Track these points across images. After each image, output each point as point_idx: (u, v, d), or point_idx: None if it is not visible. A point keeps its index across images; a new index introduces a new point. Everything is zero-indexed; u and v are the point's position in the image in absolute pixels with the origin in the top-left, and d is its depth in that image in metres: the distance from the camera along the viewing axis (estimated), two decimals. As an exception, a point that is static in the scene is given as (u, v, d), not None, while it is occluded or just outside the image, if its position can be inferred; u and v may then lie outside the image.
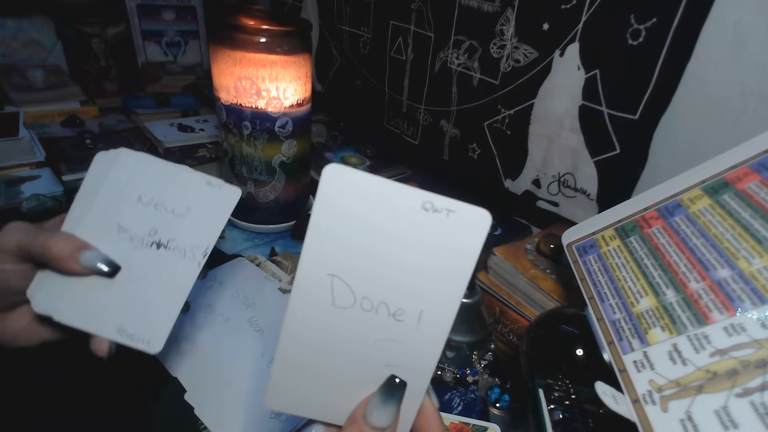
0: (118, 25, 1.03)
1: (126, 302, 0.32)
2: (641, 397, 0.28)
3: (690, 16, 0.41)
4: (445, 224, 0.21)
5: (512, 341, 0.49)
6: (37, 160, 0.71)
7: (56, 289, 0.32)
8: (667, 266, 0.33)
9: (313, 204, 0.21)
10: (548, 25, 0.51)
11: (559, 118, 0.54)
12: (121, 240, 0.33)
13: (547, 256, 0.51)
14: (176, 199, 0.34)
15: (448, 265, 0.21)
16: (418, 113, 0.73)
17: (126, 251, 0.33)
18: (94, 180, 0.34)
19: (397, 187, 0.21)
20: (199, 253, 0.34)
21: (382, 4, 0.73)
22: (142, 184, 0.34)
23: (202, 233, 0.34)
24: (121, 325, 0.32)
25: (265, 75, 0.55)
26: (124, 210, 0.33)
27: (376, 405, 0.22)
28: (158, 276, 0.33)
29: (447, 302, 0.22)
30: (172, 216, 0.34)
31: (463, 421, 0.40)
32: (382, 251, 0.21)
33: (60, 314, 0.31)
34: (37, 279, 0.31)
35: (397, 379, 0.22)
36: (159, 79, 1.02)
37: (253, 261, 0.60)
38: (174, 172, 0.35)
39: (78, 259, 0.31)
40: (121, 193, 0.33)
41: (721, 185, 0.33)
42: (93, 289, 0.32)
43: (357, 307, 0.22)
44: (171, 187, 0.34)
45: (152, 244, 0.33)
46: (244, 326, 0.50)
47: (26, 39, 0.93)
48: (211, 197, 0.35)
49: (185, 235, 0.34)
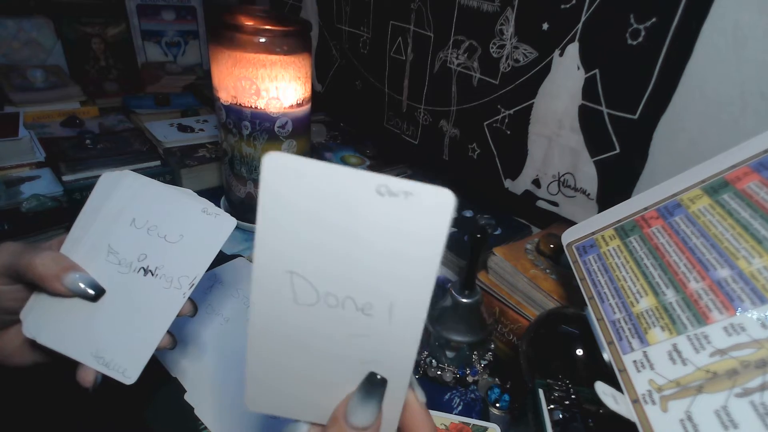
0: (118, 25, 1.03)
1: (106, 328, 0.32)
2: (641, 397, 0.28)
3: (690, 16, 0.41)
4: (404, 208, 0.19)
5: (512, 341, 0.49)
6: (37, 161, 0.71)
7: (43, 312, 0.31)
8: (667, 266, 0.33)
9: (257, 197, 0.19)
10: (548, 24, 0.51)
11: (558, 118, 0.54)
12: (109, 263, 0.32)
13: (547, 256, 0.51)
14: (170, 225, 0.33)
15: (413, 254, 0.19)
16: (418, 113, 0.73)
17: (113, 275, 0.32)
18: (96, 201, 0.33)
19: (346, 171, 0.19)
20: (185, 284, 0.33)
21: (381, 4, 0.73)
22: (138, 207, 0.33)
23: (192, 262, 0.33)
24: (98, 352, 0.31)
25: (264, 75, 0.55)
26: (116, 232, 0.33)
27: (356, 404, 0.21)
28: (142, 303, 0.32)
29: (417, 293, 0.20)
30: (163, 242, 0.33)
31: (463, 421, 0.40)
32: (340, 243, 0.19)
33: (43, 337, 0.31)
34: (30, 301, 0.31)
35: (378, 376, 0.21)
36: (159, 79, 1.02)
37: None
38: (173, 197, 0.34)
39: (62, 280, 0.30)
40: (118, 215, 0.33)
41: (721, 185, 0.33)
42: (76, 313, 0.32)
43: (322, 303, 0.20)
44: (167, 211, 0.34)
45: (140, 269, 0.32)
46: (244, 326, 0.50)
47: (26, 39, 0.93)
48: (206, 225, 0.34)
49: (174, 263, 0.33)
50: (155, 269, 0.33)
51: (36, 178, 0.68)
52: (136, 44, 1.06)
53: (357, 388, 0.21)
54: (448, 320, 0.45)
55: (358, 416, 0.21)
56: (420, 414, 0.23)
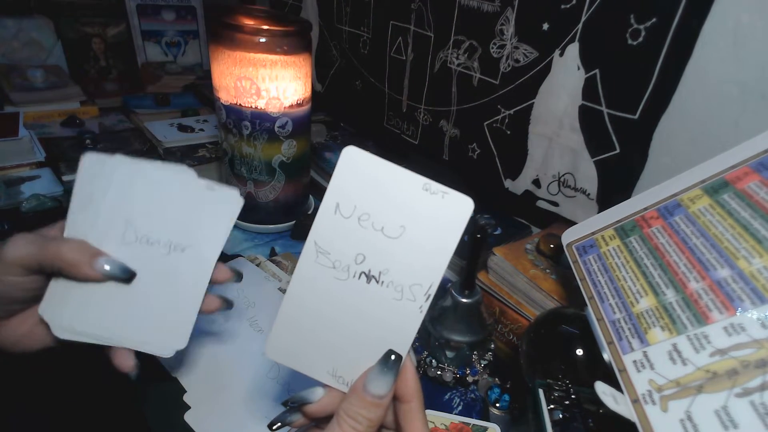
0: (118, 25, 1.03)
1: (140, 309, 0.32)
2: (641, 397, 0.28)
3: (690, 16, 0.41)
4: (440, 206, 0.25)
5: (512, 341, 0.49)
6: (37, 160, 0.71)
7: (69, 303, 0.31)
8: (667, 266, 0.33)
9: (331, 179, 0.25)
10: (548, 25, 0.51)
11: (558, 118, 0.54)
12: (128, 245, 0.33)
13: (547, 256, 0.51)
14: (178, 207, 0.33)
15: (437, 241, 0.25)
16: (418, 113, 0.73)
17: (137, 257, 0.33)
18: (86, 183, 0.33)
19: (403, 170, 0.25)
20: (213, 256, 0.34)
21: (381, 4, 0.73)
22: (142, 191, 0.33)
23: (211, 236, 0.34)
24: (135, 333, 0.32)
25: (265, 75, 0.55)
26: (130, 215, 0.33)
27: (375, 376, 0.25)
28: (170, 281, 0.33)
29: (431, 276, 0.25)
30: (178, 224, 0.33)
31: (463, 421, 0.40)
32: (387, 226, 0.25)
33: (79, 328, 0.32)
34: (48, 294, 0.31)
35: (392, 355, 0.25)
36: (159, 79, 1.02)
37: (253, 261, 0.61)
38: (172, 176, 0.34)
39: (94, 265, 0.31)
40: (124, 199, 0.33)
41: (721, 185, 0.33)
42: (102, 298, 0.32)
43: (353, 279, 0.26)
44: (172, 194, 0.33)
45: (163, 248, 0.33)
46: (244, 326, 0.50)
47: (26, 39, 0.93)
48: (213, 201, 0.34)
49: (199, 241, 0.34)
50: (177, 247, 0.33)
51: (36, 178, 0.68)
52: (136, 44, 1.06)
53: (377, 362, 0.25)
54: (448, 320, 0.45)
55: (377, 386, 0.25)
56: (410, 371, 0.26)
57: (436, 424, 0.40)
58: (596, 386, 0.29)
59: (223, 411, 0.41)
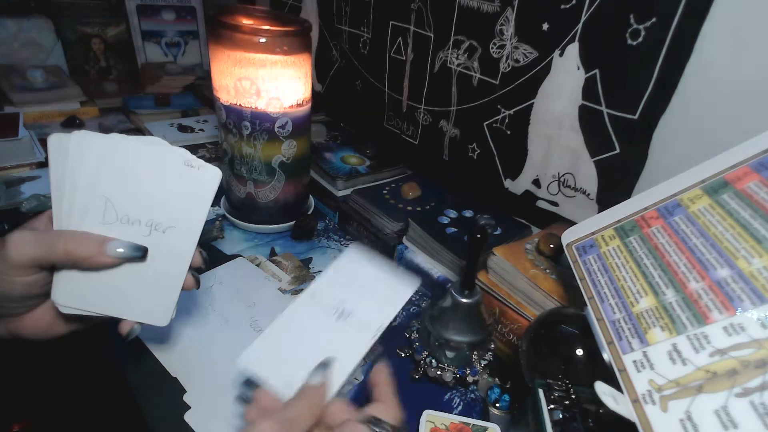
0: (118, 25, 1.03)
1: (131, 285, 0.35)
2: (641, 397, 0.28)
3: (690, 16, 0.41)
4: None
5: (512, 341, 0.49)
6: (37, 161, 0.71)
7: (72, 286, 0.34)
8: (667, 266, 0.33)
9: None
10: (548, 25, 0.51)
11: (558, 118, 0.54)
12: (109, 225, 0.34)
13: (547, 256, 0.51)
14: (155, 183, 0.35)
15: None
16: (418, 113, 0.73)
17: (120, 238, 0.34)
18: (59, 165, 0.32)
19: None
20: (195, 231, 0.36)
21: (381, 4, 0.73)
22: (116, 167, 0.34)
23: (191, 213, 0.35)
24: (127, 307, 0.35)
25: (265, 75, 0.55)
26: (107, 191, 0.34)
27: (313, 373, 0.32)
28: (157, 259, 0.35)
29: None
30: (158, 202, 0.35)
31: (463, 421, 0.40)
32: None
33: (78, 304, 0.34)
34: (55, 281, 0.33)
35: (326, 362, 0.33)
36: (159, 80, 1.02)
37: (253, 261, 0.61)
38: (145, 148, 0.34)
39: (107, 252, 0.32)
40: (99, 176, 0.33)
41: (721, 185, 0.33)
42: (100, 279, 0.34)
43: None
44: (147, 168, 0.34)
45: (144, 228, 0.34)
46: (244, 326, 0.50)
47: (26, 39, 0.93)
48: (192, 179, 0.35)
49: (175, 220, 0.35)
50: (158, 227, 0.35)
51: (36, 178, 0.68)
52: (136, 44, 1.06)
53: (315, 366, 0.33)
54: (448, 320, 0.45)
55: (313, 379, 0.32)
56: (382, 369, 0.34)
57: (436, 424, 0.40)
58: (596, 386, 0.29)
59: (223, 411, 0.41)
